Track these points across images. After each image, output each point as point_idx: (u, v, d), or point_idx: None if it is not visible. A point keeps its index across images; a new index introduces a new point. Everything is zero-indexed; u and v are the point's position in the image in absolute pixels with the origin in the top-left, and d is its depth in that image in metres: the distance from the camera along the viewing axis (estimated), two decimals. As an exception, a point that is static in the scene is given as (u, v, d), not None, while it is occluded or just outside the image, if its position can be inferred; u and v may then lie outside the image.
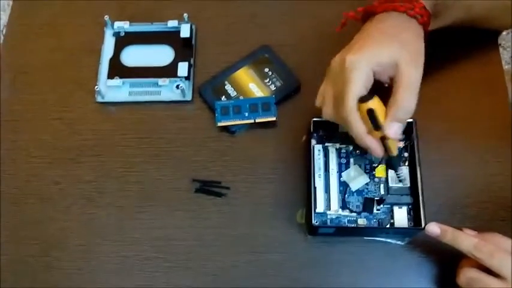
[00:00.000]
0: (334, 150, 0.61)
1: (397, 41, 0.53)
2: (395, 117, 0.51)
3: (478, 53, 0.68)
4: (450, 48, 0.68)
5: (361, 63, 0.51)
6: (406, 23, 0.55)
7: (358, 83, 0.51)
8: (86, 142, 0.66)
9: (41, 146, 0.66)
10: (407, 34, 0.54)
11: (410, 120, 0.59)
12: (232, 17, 0.73)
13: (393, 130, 0.52)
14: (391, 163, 0.56)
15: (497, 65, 0.68)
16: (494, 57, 0.69)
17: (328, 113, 0.55)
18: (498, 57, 0.69)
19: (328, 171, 0.60)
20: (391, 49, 0.52)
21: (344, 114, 0.52)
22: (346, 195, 0.59)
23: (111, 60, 0.70)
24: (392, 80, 0.52)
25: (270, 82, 0.67)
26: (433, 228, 0.54)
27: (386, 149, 0.53)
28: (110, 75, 0.69)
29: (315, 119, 0.59)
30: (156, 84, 0.68)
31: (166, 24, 0.71)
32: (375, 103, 0.51)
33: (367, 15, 0.57)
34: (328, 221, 0.58)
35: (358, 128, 0.52)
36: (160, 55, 0.70)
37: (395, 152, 0.54)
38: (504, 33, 1.45)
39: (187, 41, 0.70)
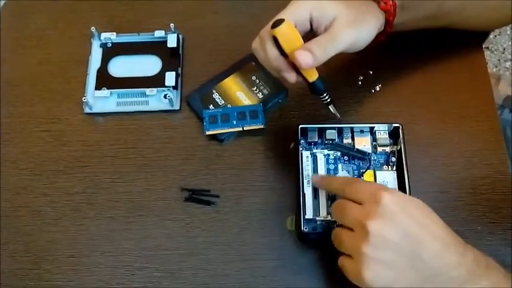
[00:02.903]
0: (322, 156, 0.61)
1: (349, 4, 0.53)
2: (320, 45, 0.50)
3: (463, 57, 0.69)
4: (435, 52, 0.69)
5: None
6: (369, 5, 0.56)
7: (288, 11, 0.51)
8: (74, 153, 0.66)
9: (30, 158, 0.66)
10: (365, 8, 0.55)
11: (397, 124, 0.60)
12: (218, 26, 0.74)
13: (302, 59, 0.50)
14: (314, 89, 0.54)
15: (482, 68, 0.69)
16: (480, 60, 0.69)
17: (253, 44, 0.55)
18: (483, 60, 0.69)
19: (317, 178, 0.60)
20: (337, 3, 0.52)
21: (261, 35, 0.52)
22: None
23: (98, 71, 0.70)
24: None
25: (258, 90, 0.67)
26: None
27: (302, 76, 0.53)
28: (98, 86, 0.69)
29: (301, 126, 0.59)
30: (144, 94, 0.68)
31: (153, 35, 0.71)
32: (284, 29, 0.50)
33: None
34: (318, 227, 0.58)
35: (269, 50, 0.52)
36: (148, 65, 0.70)
37: (313, 77, 0.53)
38: (491, 36, 1.47)
39: (174, 50, 0.70)
